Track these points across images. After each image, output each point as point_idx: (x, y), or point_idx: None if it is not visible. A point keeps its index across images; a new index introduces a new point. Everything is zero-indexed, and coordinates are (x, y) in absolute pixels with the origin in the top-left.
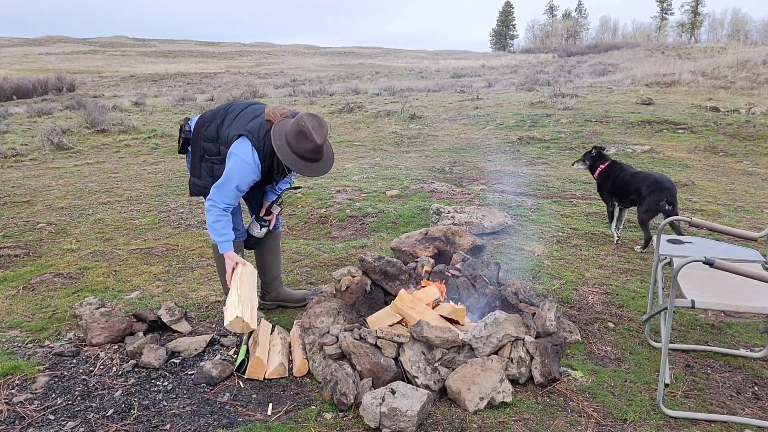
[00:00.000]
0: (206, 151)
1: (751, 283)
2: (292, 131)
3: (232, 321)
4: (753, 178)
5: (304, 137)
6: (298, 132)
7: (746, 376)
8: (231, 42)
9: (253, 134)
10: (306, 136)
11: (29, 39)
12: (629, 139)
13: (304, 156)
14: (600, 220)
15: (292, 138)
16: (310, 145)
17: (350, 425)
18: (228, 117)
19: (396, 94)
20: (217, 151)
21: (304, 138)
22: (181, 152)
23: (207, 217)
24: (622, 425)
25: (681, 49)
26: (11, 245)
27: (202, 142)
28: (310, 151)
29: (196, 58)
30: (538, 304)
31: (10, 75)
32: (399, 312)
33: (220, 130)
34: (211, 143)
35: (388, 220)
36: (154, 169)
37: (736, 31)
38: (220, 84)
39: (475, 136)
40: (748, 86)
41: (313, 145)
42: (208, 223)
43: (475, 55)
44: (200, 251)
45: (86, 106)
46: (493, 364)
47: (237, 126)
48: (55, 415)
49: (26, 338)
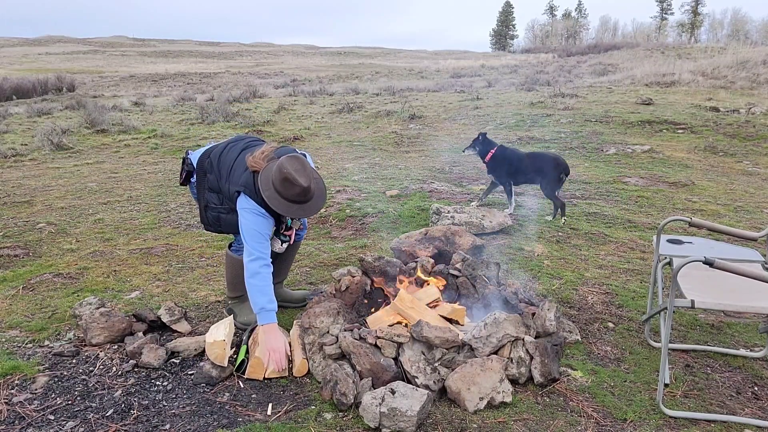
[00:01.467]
0: (210, 201)
1: (751, 283)
2: (277, 179)
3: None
4: (753, 178)
5: (290, 183)
6: (282, 180)
7: (746, 376)
8: (231, 42)
9: (249, 188)
10: (292, 182)
11: (29, 39)
12: (629, 139)
13: (295, 200)
14: (600, 220)
15: (279, 186)
16: (297, 189)
17: (350, 425)
18: (223, 168)
19: (396, 94)
20: (220, 202)
21: (290, 184)
22: (183, 184)
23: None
24: (622, 425)
25: (681, 49)
26: (11, 245)
27: (206, 193)
28: (298, 194)
29: (196, 58)
30: (538, 304)
31: (10, 75)
32: (399, 312)
33: (220, 182)
34: (215, 194)
35: (388, 220)
36: (154, 169)
37: (736, 31)
38: (220, 84)
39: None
40: (748, 86)
41: (300, 189)
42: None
43: (475, 55)
44: (200, 251)
45: (86, 106)
46: (493, 364)
47: (233, 181)
48: (54, 415)
49: (26, 338)
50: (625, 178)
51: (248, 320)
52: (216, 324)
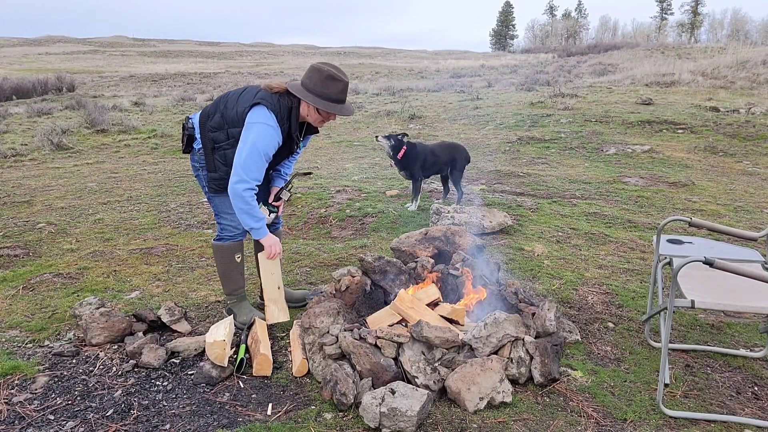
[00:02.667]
0: (215, 140)
1: (751, 283)
2: (319, 79)
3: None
4: (753, 178)
5: (332, 80)
6: (326, 78)
7: (746, 376)
8: (231, 42)
9: (266, 100)
10: (335, 79)
11: (29, 39)
12: (629, 139)
13: (337, 99)
14: (600, 220)
15: (320, 86)
16: (341, 86)
17: (350, 425)
18: (229, 101)
19: (396, 94)
20: (225, 137)
21: (332, 81)
22: (185, 151)
23: (236, 203)
24: (622, 425)
25: (681, 49)
26: (11, 245)
27: (209, 134)
28: (341, 91)
29: (196, 58)
30: (538, 304)
31: (10, 75)
32: (399, 312)
33: (224, 114)
34: (218, 131)
35: (388, 220)
36: (154, 169)
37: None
38: (220, 84)
39: (474, 136)
40: (747, 86)
41: (343, 84)
42: (240, 206)
43: (475, 55)
44: (200, 251)
45: (86, 106)
46: (493, 364)
47: (243, 102)
48: (54, 415)
49: (26, 338)
50: (625, 178)
51: (247, 320)
52: (216, 324)
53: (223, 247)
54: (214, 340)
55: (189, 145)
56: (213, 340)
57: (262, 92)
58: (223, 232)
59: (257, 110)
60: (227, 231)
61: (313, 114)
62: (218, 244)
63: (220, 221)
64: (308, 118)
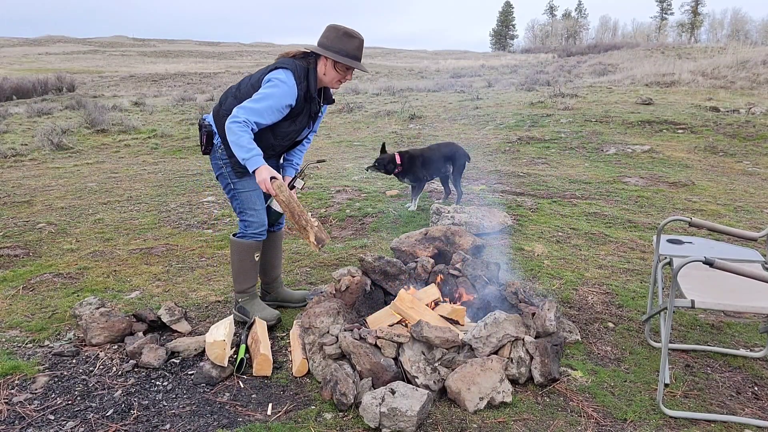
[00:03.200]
0: None
1: (751, 283)
2: (336, 36)
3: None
4: (753, 178)
5: (349, 36)
6: (342, 34)
7: (746, 376)
8: (231, 42)
9: (285, 63)
10: (351, 35)
11: (29, 39)
12: (629, 139)
13: (354, 55)
14: (600, 220)
15: (337, 42)
16: (357, 42)
17: (350, 425)
18: (242, 83)
19: (396, 94)
20: None
21: (349, 37)
22: (205, 152)
23: (229, 136)
24: (622, 425)
25: (681, 49)
26: (11, 245)
27: (224, 120)
28: (357, 48)
29: (196, 58)
30: (538, 304)
31: (10, 75)
32: (399, 312)
33: (237, 95)
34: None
35: (388, 220)
36: (154, 169)
37: (735, 31)
38: (220, 84)
39: (474, 136)
40: (747, 86)
41: (359, 41)
42: (231, 139)
43: (475, 55)
44: (200, 251)
45: (86, 106)
46: (493, 364)
47: (258, 75)
48: (54, 415)
49: (26, 338)
50: (625, 178)
51: (263, 317)
52: (216, 324)
53: (244, 244)
54: (214, 340)
55: (209, 144)
56: (213, 340)
57: (281, 59)
58: (248, 228)
59: (274, 72)
60: (252, 227)
61: (331, 72)
62: (240, 241)
63: (244, 218)
64: (325, 78)
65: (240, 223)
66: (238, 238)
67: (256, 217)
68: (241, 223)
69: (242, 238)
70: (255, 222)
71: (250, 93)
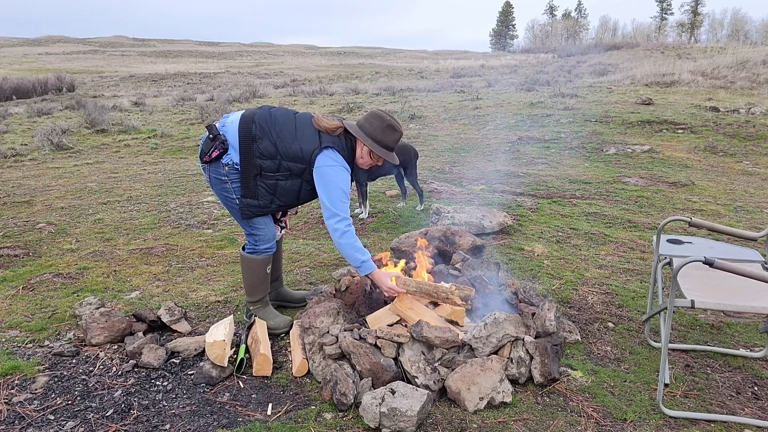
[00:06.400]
0: (263, 168)
1: (751, 283)
2: (380, 127)
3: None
4: (753, 178)
5: (393, 130)
6: (386, 126)
7: (746, 376)
8: (231, 42)
9: (335, 144)
10: (395, 129)
11: (29, 39)
12: (629, 139)
13: (391, 148)
14: (600, 220)
15: (380, 133)
16: (398, 136)
17: (350, 425)
18: (283, 132)
19: (396, 94)
20: (277, 168)
21: (392, 131)
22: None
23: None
24: (621, 425)
25: (681, 49)
26: (11, 245)
27: (257, 160)
28: (396, 141)
29: (196, 58)
30: (538, 304)
31: (10, 75)
32: (398, 313)
33: (278, 145)
34: (270, 160)
35: (388, 220)
36: (154, 169)
37: (735, 31)
38: (220, 84)
39: (475, 136)
40: (747, 86)
41: (399, 135)
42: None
43: (475, 55)
44: (200, 251)
45: (86, 106)
46: (493, 364)
47: (305, 141)
48: (54, 415)
49: (26, 338)
50: (625, 178)
51: (276, 324)
52: (216, 324)
53: (257, 260)
54: (214, 340)
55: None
56: (213, 340)
57: (325, 136)
58: (258, 244)
59: (329, 153)
60: (263, 242)
61: (366, 157)
62: (252, 257)
63: (254, 233)
64: (360, 160)
65: (249, 238)
66: (248, 253)
67: (266, 231)
68: (250, 238)
69: (253, 254)
70: (265, 237)
71: (297, 158)
